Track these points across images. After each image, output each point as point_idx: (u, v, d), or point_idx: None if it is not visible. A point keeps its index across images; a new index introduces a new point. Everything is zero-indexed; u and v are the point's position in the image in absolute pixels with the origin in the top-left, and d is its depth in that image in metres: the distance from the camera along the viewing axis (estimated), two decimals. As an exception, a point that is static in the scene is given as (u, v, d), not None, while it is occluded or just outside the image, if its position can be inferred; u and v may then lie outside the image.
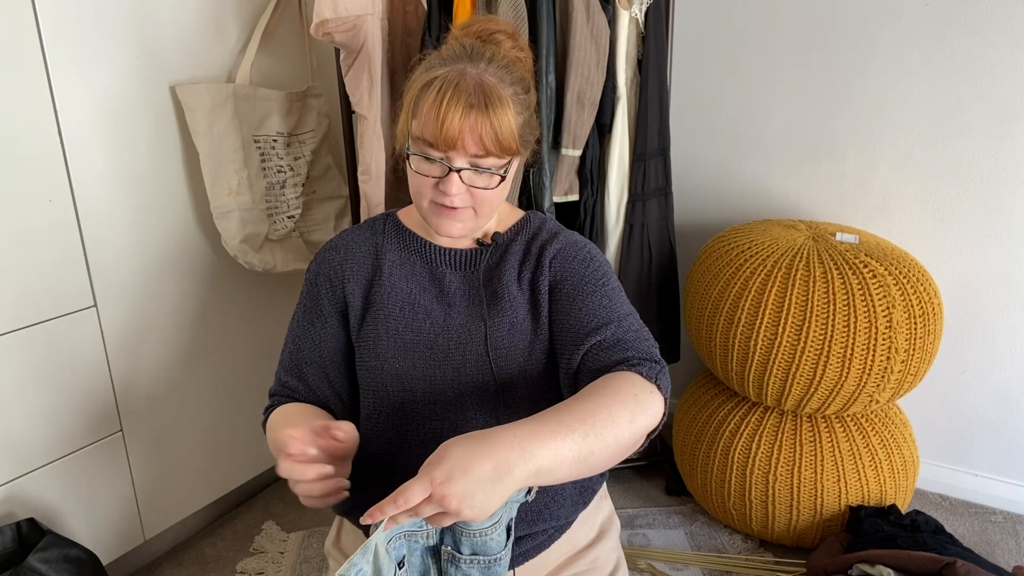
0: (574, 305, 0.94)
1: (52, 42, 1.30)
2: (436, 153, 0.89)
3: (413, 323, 0.97)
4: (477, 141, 0.87)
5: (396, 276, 1.00)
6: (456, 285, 1.00)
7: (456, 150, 0.88)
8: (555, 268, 0.97)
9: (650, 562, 1.66)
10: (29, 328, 1.34)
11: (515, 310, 0.96)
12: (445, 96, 0.86)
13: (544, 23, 1.52)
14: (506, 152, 0.90)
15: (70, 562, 1.29)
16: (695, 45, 1.96)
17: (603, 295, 0.94)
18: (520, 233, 1.03)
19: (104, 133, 1.41)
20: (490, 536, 0.81)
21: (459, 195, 0.90)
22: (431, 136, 0.87)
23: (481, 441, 0.71)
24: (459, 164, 0.89)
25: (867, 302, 1.47)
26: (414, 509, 0.68)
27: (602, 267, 0.98)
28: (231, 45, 1.63)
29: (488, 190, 0.92)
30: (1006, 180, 1.70)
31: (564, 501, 0.98)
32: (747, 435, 1.65)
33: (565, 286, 0.96)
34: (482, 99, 0.87)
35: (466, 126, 0.86)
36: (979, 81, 1.68)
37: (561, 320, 0.94)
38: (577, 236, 1.02)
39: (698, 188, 2.06)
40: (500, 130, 0.87)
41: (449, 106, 0.86)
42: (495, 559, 0.82)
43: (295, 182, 1.75)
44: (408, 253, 1.02)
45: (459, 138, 0.87)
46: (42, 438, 1.40)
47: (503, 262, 1.00)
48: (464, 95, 0.86)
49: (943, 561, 1.33)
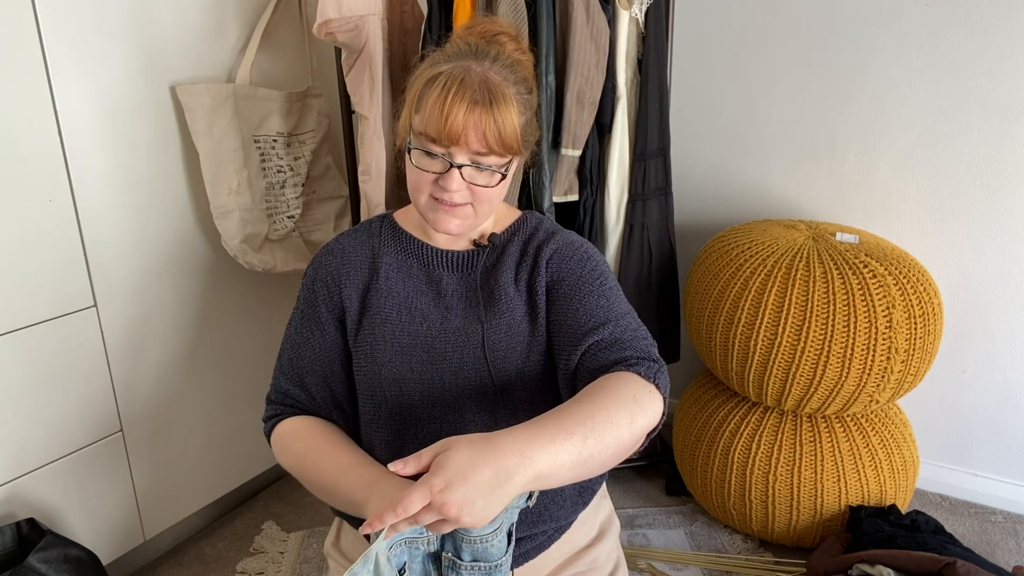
0: (571, 305, 0.93)
1: (52, 42, 1.30)
2: (438, 148, 0.89)
3: (410, 327, 0.97)
4: (480, 138, 0.87)
5: (393, 279, 1.00)
6: (453, 287, 0.99)
7: (458, 146, 0.88)
8: (552, 268, 0.97)
9: (650, 562, 1.66)
10: (29, 328, 1.34)
11: (512, 312, 0.96)
12: (450, 92, 0.86)
13: (544, 23, 1.52)
14: (508, 151, 0.90)
15: (70, 562, 1.29)
16: (695, 45, 1.96)
17: (600, 294, 0.94)
18: (517, 233, 1.02)
19: (104, 133, 1.41)
20: (491, 543, 0.80)
21: (459, 192, 0.90)
22: (434, 131, 0.87)
23: (480, 447, 0.70)
24: (460, 160, 0.89)
25: (867, 302, 1.47)
26: (414, 517, 0.68)
27: (599, 266, 0.98)
28: (231, 45, 1.63)
29: (488, 188, 0.91)
30: (1006, 180, 1.70)
31: (564, 502, 0.98)
32: (747, 435, 1.65)
33: (562, 286, 0.96)
34: (487, 96, 0.86)
35: (470, 122, 0.86)
36: (979, 81, 1.68)
37: (558, 320, 0.94)
38: (574, 236, 1.02)
39: (698, 188, 2.06)
40: (504, 128, 0.87)
41: (454, 102, 0.86)
42: (495, 565, 0.82)
43: (295, 182, 1.75)
44: (405, 256, 1.02)
45: (463, 134, 0.86)
46: (42, 438, 1.40)
47: (500, 263, 0.99)
48: (469, 91, 0.86)
49: (943, 561, 1.33)
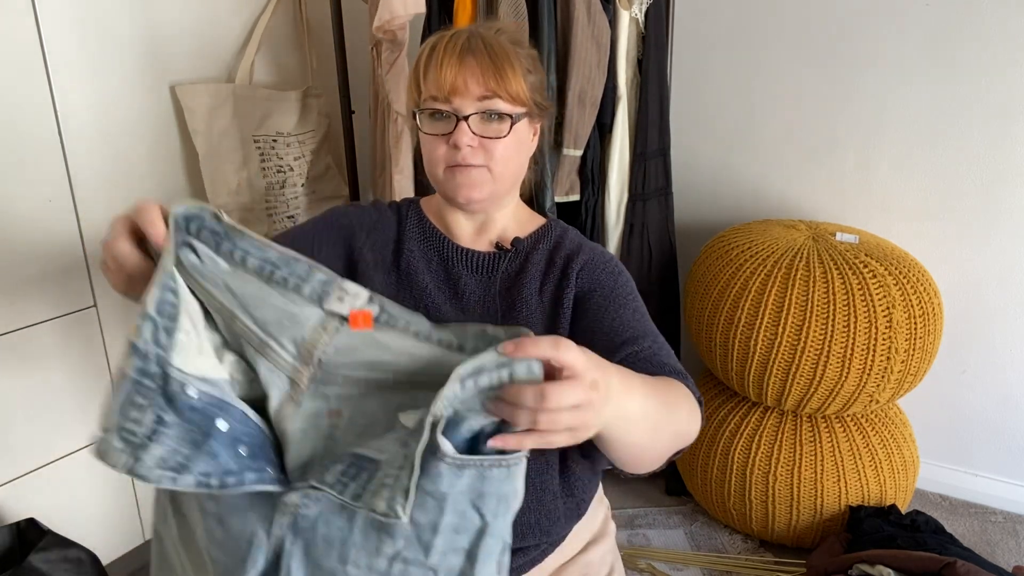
0: (605, 315, 0.90)
1: (52, 42, 1.30)
2: (442, 106, 0.87)
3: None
4: (479, 80, 0.86)
5: (414, 270, 0.96)
6: (471, 288, 0.96)
7: (460, 95, 0.86)
8: (582, 280, 0.94)
9: (650, 562, 1.66)
10: (29, 328, 1.34)
11: (530, 322, 0.93)
12: (442, 45, 0.87)
13: (545, 23, 1.52)
14: (514, 98, 0.88)
15: (70, 562, 1.29)
16: (695, 45, 1.96)
17: (634, 308, 0.92)
18: (541, 241, 0.99)
19: (104, 133, 1.41)
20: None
21: (471, 147, 0.88)
22: (434, 87, 0.86)
23: (599, 360, 0.62)
24: (467, 111, 0.87)
25: (867, 302, 1.47)
26: (554, 385, 0.55)
27: (630, 283, 0.96)
28: (231, 45, 1.62)
29: (500, 140, 0.88)
30: (1006, 180, 1.70)
31: (557, 518, 0.94)
32: (747, 435, 1.65)
33: (595, 296, 0.93)
34: (480, 44, 0.86)
35: (466, 66, 0.85)
36: (979, 81, 1.67)
37: (592, 328, 0.90)
38: (601, 249, 0.99)
39: (698, 188, 2.06)
40: (502, 71, 0.86)
41: (447, 52, 0.86)
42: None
43: (295, 182, 1.75)
44: (427, 247, 0.99)
45: (460, 79, 0.85)
46: (42, 438, 1.40)
47: (524, 271, 0.96)
48: (462, 41, 0.86)
49: (943, 561, 1.33)
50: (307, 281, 0.64)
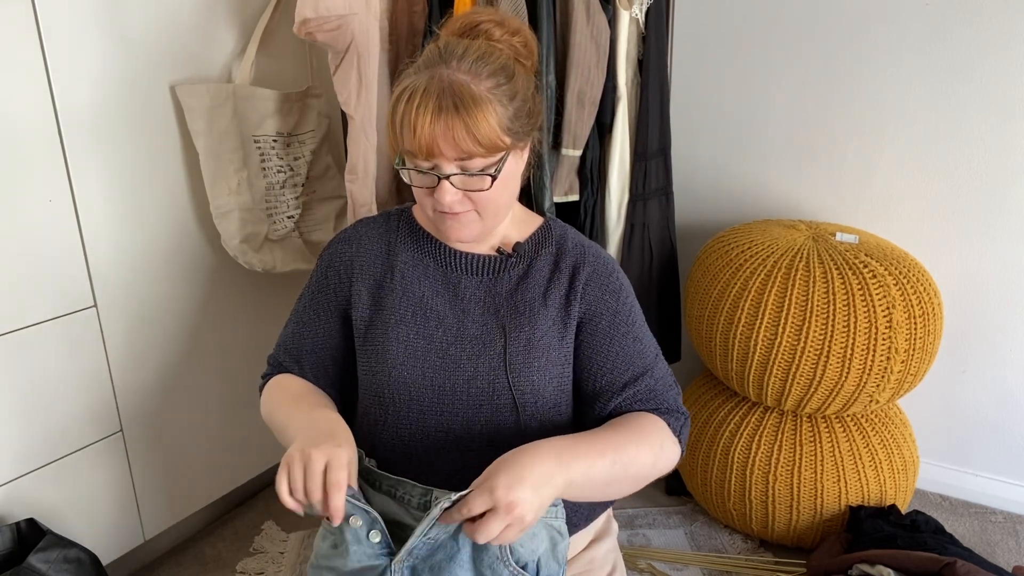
0: (609, 349, 0.95)
1: (52, 42, 1.30)
2: (423, 163, 0.87)
3: (425, 330, 0.94)
4: (453, 145, 0.84)
5: (409, 278, 0.98)
6: (472, 291, 0.96)
7: (437, 157, 0.85)
8: (588, 299, 0.96)
9: (650, 562, 1.66)
10: (29, 328, 1.34)
11: (535, 326, 0.94)
12: (413, 104, 0.84)
13: (544, 23, 1.52)
14: (491, 150, 0.86)
15: (70, 562, 1.29)
16: (695, 45, 1.96)
17: (635, 338, 0.96)
18: (543, 245, 1.00)
19: (104, 133, 1.41)
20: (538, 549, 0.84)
21: (455, 202, 0.88)
22: (411, 147, 0.86)
23: (525, 453, 0.76)
24: (447, 170, 0.87)
25: (867, 302, 1.47)
26: (481, 523, 0.71)
27: (629, 296, 0.99)
28: (231, 45, 1.62)
29: (484, 192, 0.89)
30: (1006, 180, 1.70)
31: (579, 522, 0.99)
32: (747, 435, 1.65)
33: (600, 322, 0.95)
34: (451, 102, 0.83)
35: (438, 131, 0.83)
36: (979, 81, 1.67)
37: (594, 360, 0.95)
38: (602, 253, 1.00)
39: (698, 188, 2.06)
40: (477, 130, 0.84)
41: (418, 114, 0.84)
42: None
43: (295, 182, 1.75)
44: (421, 254, 0.99)
45: (435, 145, 0.84)
46: (42, 438, 1.40)
47: (529, 276, 0.97)
48: (433, 99, 0.83)
49: (943, 561, 1.33)
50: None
